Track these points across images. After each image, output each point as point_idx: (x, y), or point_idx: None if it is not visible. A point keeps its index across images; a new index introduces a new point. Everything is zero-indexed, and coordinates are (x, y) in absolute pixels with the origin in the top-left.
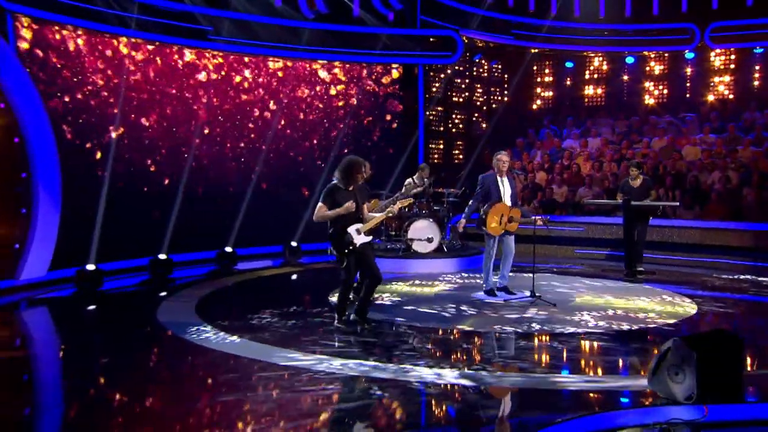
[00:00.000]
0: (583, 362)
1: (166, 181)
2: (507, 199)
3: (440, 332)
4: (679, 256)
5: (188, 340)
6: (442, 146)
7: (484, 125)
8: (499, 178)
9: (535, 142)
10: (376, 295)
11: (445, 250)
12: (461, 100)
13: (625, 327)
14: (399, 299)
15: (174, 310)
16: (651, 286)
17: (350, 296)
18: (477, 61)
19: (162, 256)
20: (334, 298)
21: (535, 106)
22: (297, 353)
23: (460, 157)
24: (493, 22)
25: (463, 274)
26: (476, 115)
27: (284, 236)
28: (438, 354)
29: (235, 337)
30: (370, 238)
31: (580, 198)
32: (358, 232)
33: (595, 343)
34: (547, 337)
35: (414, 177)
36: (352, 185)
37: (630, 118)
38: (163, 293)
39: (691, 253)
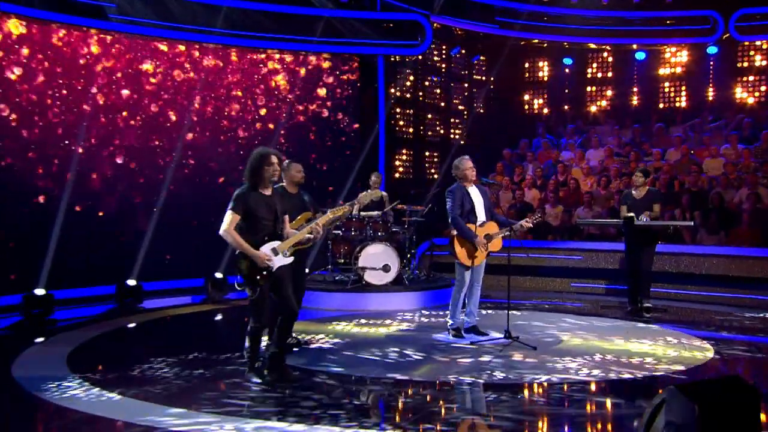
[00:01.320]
0: (544, 423)
1: (42, 199)
2: (480, 213)
3: (373, 384)
4: (697, 290)
5: (45, 399)
6: (410, 157)
7: (460, 133)
8: (468, 189)
9: (526, 154)
10: (312, 337)
11: (406, 282)
12: (436, 101)
13: (619, 375)
14: (339, 341)
15: (39, 361)
16: (660, 327)
17: (267, 337)
18: (455, 55)
19: (39, 292)
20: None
21: (526, 111)
22: (187, 412)
23: (433, 171)
24: (473, 7)
25: (424, 311)
26: (455, 120)
27: (207, 267)
28: (362, 411)
29: (113, 394)
30: (290, 259)
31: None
32: (275, 252)
33: (576, 395)
34: (512, 390)
35: (368, 191)
36: (267, 187)
37: (640, 125)
38: (35, 339)
39: (713, 287)
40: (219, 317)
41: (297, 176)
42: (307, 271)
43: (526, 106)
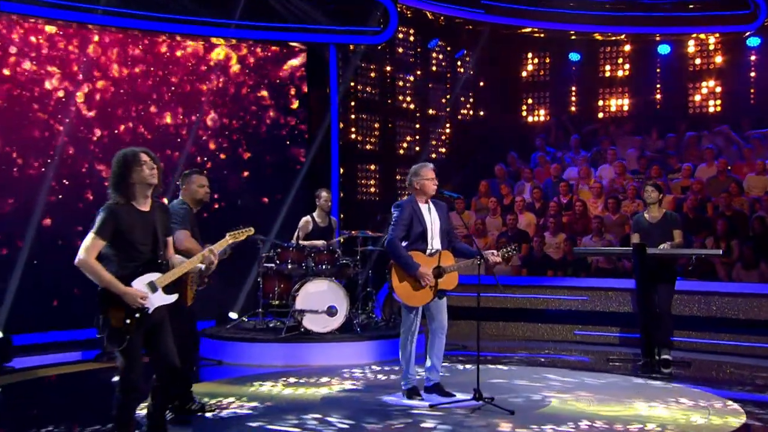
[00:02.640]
0: None
1: None
2: (434, 238)
3: None
4: (732, 339)
5: None
6: (376, 174)
7: (440, 144)
8: (421, 206)
9: (522, 171)
10: (220, 401)
11: (357, 329)
12: (408, 105)
13: None
14: (258, 406)
15: None
16: (682, 385)
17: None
18: (434, 49)
19: None
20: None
21: (523, 118)
22: None
23: (407, 191)
24: None
25: (374, 367)
26: (433, 128)
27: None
28: None
29: None
30: (173, 298)
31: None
32: (153, 287)
33: None
34: None
35: (314, 214)
36: (144, 198)
37: (665, 136)
38: None
39: (753, 335)
40: (107, 377)
41: (199, 192)
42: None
43: (523, 113)
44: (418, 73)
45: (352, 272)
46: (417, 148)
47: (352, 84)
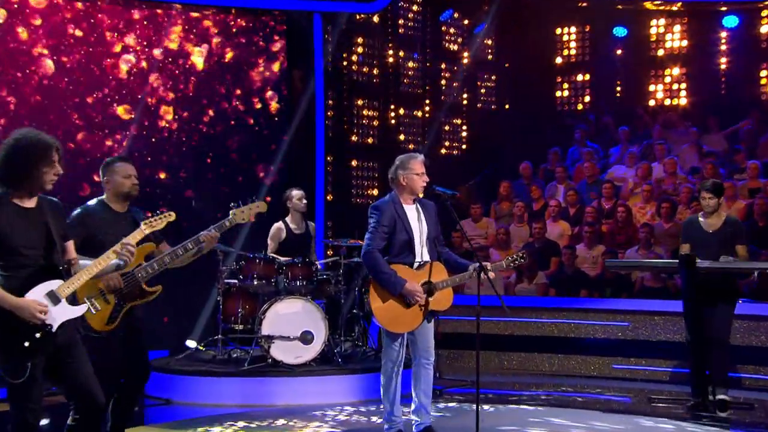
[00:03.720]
0: None
1: None
2: (421, 247)
3: None
4: None
5: None
6: (374, 173)
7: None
8: (405, 207)
9: (555, 170)
10: None
11: (338, 359)
12: (415, 90)
13: None
14: None
15: None
16: None
17: None
18: (446, 22)
19: None
20: None
21: (558, 107)
22: None
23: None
24: None
25: (357, 408)
26: (446, 119)
27: None
28: None
29: None
30: (83, 309)
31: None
32: (54, 298)
33: None
34: None
35: (287, 219)
36: (31, 194)
37: (728, 128)
38: None
39: None
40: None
41: (125, 184)
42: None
43: (558, 100)
44: (428, 51)
45: (334, 290)
46: (426, 143)
47: (345, 64)
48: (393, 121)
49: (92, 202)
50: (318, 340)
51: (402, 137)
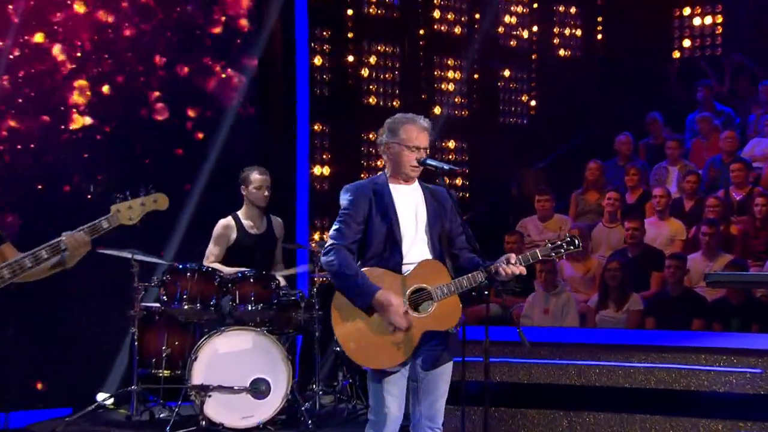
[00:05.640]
0: None
1: None
2: (418, 244)
3: None
4: None
5: None
6: None
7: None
8: (394, 190)
9: (665, 144)
10: None
11: (308, 423)
12: (456, 31)
13: None
14: None
15: None
16: None
17: None
18: None
19: None
20: None
21: (671, 54)
22: None
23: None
24: None
25: None
26: (515, 74)
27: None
28: None
29: None
30: None
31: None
32: None
33: None
34: None
35: (239, 213)
36: None
37: None
38: None
39: None
40: None
41: None
42: None
43: (673, 45)
44: None
45: (303, 318)
46: (474, 105)
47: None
48: (424, 75)
49: None
50: (277, 391)
51: (439, 99)
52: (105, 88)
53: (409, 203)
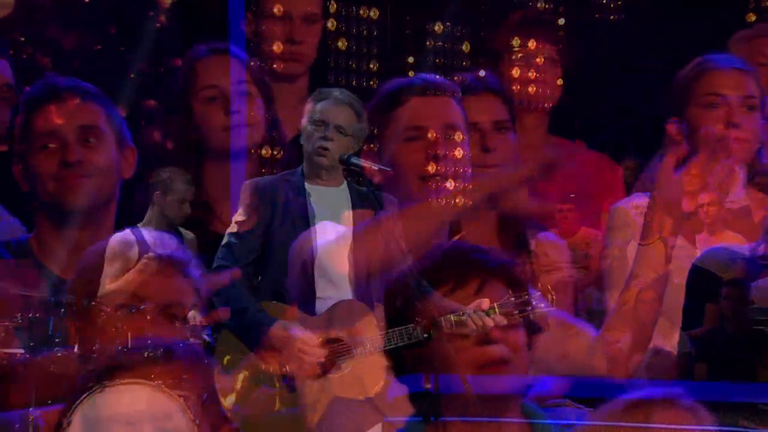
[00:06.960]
0: None
1: None
2: (335, 274)
3: None
4: None
5: None
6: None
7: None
8: (312, 191)
9: (729, 132)
10: None
11: None
12: None
13: None
14: None
15: None
16: None
17: None
18: None
19: None
20: None
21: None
22: None
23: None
24: None
25: None
26: (539, 44)
27: None
28: None
29: None
30: None
31: None
32: None
33: None
34: None
35: (141, 227)
36: None
37: None
38: None
39: None
40: None
41: None
42: None
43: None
44: None
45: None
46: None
47: None
48: (411, 36)
49: None
50: None
51: (411, 59)
52: None
53: (331, 213)
